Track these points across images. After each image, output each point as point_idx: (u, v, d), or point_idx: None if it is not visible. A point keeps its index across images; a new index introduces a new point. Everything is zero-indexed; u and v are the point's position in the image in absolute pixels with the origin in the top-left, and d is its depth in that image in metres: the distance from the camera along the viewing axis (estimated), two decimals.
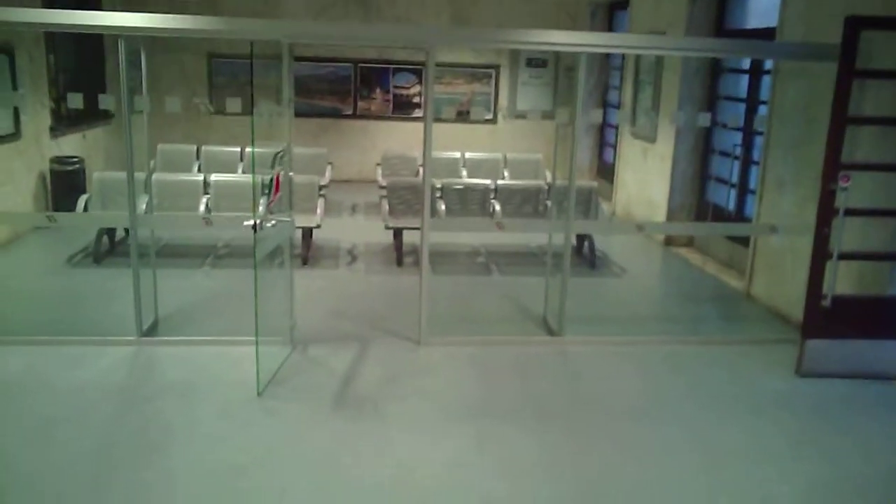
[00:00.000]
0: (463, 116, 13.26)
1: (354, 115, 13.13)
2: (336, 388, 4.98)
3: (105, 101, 6.03)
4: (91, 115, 10.66)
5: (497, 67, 13.26)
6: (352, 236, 9.19)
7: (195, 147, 10.51)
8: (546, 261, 6.86)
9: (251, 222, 4.71)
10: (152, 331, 5.79)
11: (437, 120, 6.34)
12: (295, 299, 5.76)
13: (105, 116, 11.35)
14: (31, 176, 8.96)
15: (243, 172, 10.19)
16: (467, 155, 10.92)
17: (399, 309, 6.62)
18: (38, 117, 9.03)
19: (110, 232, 7.94)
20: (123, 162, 5.69)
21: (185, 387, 4.91)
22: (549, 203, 8.33)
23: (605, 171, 12.59)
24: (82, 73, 11.06)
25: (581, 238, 8.54)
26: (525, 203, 8.47)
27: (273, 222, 4.95)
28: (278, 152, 5.17)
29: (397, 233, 8.08)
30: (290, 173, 5.59)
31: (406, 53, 12.95)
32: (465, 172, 10.69)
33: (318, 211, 8.03)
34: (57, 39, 10.31)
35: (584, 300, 6.86)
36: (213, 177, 8.07)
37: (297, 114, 11.87)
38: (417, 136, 6.30)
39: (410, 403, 4.82)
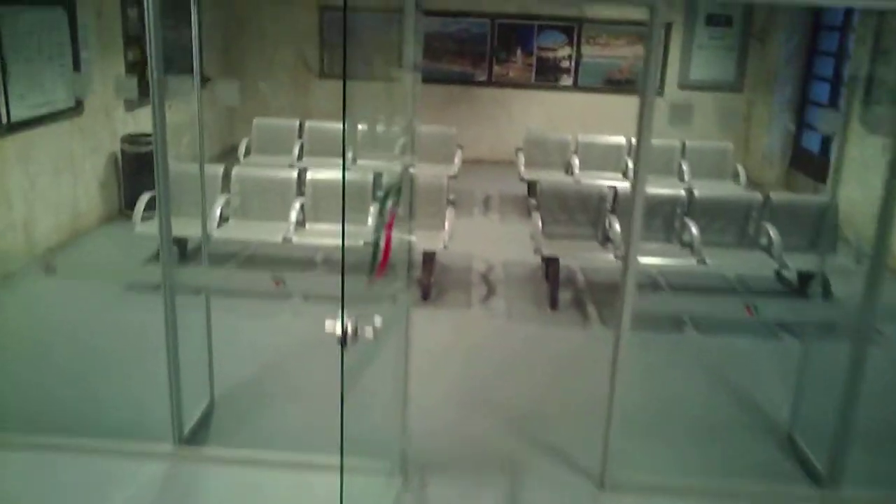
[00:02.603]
0: (620, 86, 10.76)
1: (489, 82, 10.88)
2: None
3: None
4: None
5: (668, 25, 10.61)
6: (486, 248, 7.05)
7: (297, 123, 8.62)
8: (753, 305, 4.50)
9: (336, 325, 2.61)
10: (200, 431, 3.91)
11: (588, 89, 4.22)
12: (411, 371, 3.65)
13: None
14: (97, 159, 7.30)
15: (353, 159, 8.22)
16: (634, 141, 8.49)
17: (560, 396, 4.47)
18: (108, 86, 7.32)
19: (181, 239, 6.16)
20: (216, 141, 3.76)
21: None
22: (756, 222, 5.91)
23: (806, 163, 9.83)
24: (173, 29, 9.31)
25: (806, 274, 6.10)
26: (730, 223, 6.07)
27: (378, 321, 2.81)
28: (389, 191, 3.07)
29: (552, 262, 5.87)
30: (412, 169, 3.47)
31: (554, 7, 10.53)
32: (630, 166, 8.29)
33: (446, 226, 5.93)
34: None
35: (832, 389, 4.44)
36: (310, 174, 6.08)
37: (425, 80, 10.24)
38: (565, 110, 4.15)
39: None
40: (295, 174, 6.08)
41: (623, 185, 6.10)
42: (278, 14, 10.60)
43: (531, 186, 8.48)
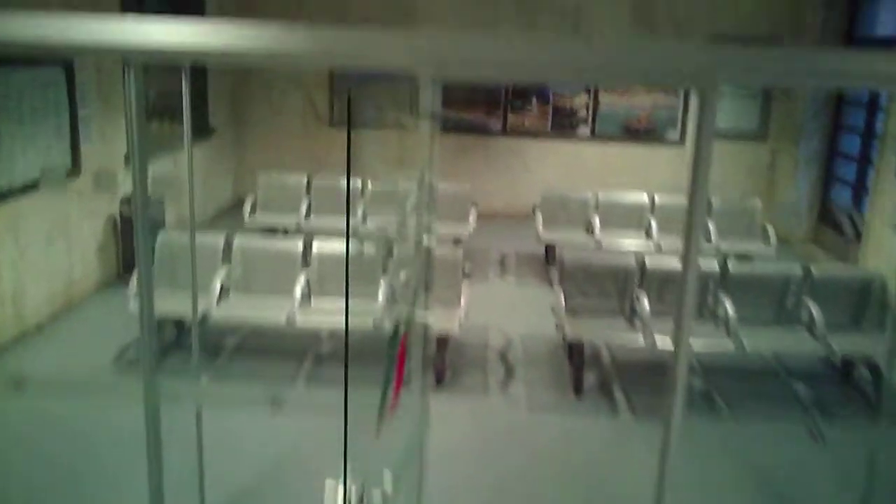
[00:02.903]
0: (639, 136, 10.39)
1: (504, 132, 10.53)
2: None
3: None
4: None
5: None
6: (504, 319, 6.63)
7: (305, 179, 8.27)
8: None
9: (338, 491, 2.16)
10: None
11: (606, 139, 3.91)
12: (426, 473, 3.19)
13: (204, 132, 9.34)
14: (95, 222, 6.94)
15: (363, 217, 7.86)
16: (658, 198, 8.10)
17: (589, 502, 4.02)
18: (107, 144, 6.99)
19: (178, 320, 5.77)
20: (221, 194, 3.36)
21: None
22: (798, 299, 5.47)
23: (835, 218, 9.41)
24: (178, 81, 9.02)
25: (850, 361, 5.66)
26: (767, 299, 5.63)
27: (389, 480, 2.37)
28: (398, 326, 2.67)
29: (578, 346, 5.42)
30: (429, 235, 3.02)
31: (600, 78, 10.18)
32: (654, 226, 7.88)
33: (462, 303, 5.52)
34: None
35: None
36: (316, 245, 5.69)
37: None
38: (582, 160, 3.78)
39: None
40: (300, 245, 5.68)
41: (652, 257, 5.68)
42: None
43: (549, 249, 8.07)
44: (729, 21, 9.99)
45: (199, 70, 9.28)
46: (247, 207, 8.01)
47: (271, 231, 8.18)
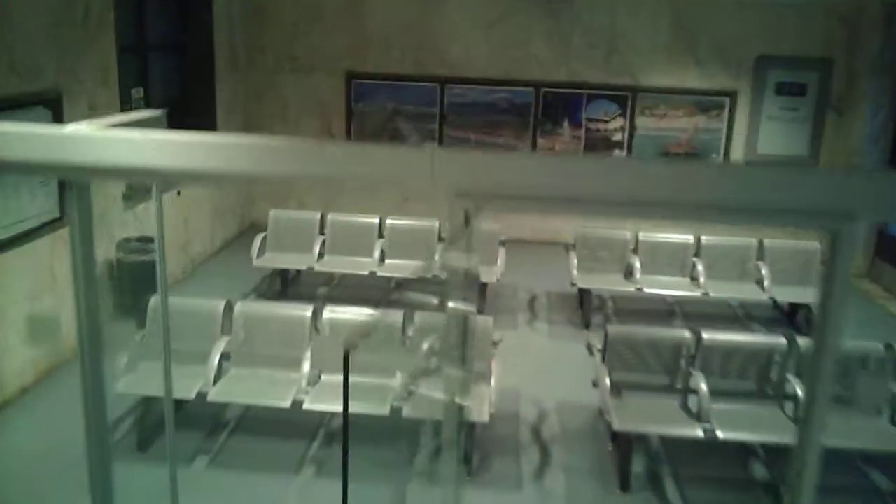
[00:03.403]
0: (679, 160, 9.64)
1: None
2: None
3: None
4: None
5: (733, 94, 9.50)
6: (536, 381, 5.95)
7: (318, 216, 7.63)
8: None
9: None
10: None
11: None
12: None
13: None
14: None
15: (380, 258, 7.25)
16: (703, 238, 7.37)
17: None
18: (98, 185, 6.39)
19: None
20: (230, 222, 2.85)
21: None
22: None
23: (893, 254, 8.65)
24: (186, 106, 8.47)
25: None
26: (852, 381, 4.89)
27: None
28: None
29: (625, 436, 4.72)
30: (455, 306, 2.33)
31: (606, 74, 9.49)
32: (700, 269, 7.16)
33: (491, 382, 4.84)
34: (150, 64, 7.76)
35: None
36: (327, 314, 5.03)
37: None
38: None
39: None
40: (309, 314, 5.04)
41: (708, 332, 4.96)
42: (302, 82, 9.69)
43: (584, 295, 7.38)
44: (776, 42, 9.23)
45: (206, 73, 8.71)
46: (255, 247, 7.38)
47: (283, 273, 7.58)
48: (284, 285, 7.61)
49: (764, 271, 7.11)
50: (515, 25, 9.41)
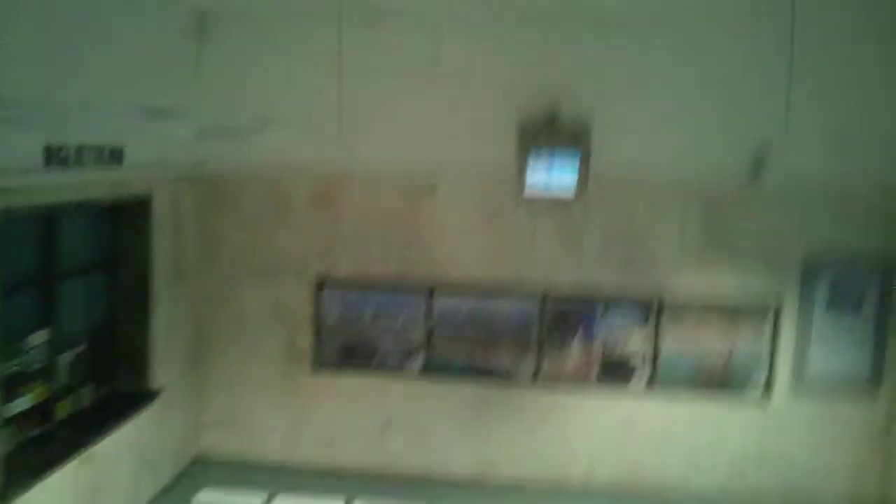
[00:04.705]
0: (714, 387, 7.97)
1: (536, 381, 8.14)
2: None
3: None
4: (104, 413, 6.53)
5: (777, 305, 7.91)
6: None
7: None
8: None
9: None
10: None
11: (669, 390, 5.13)
12: None
13: (141, 399, 7.10)
14: None
15: None
16: None
17: None
18: None
19: None
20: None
21: None
22: None
23: None
24: (113, 335, 6.92)
25: None
26: None
27: None
28: None
29: None
30: None
31: (624, 282, 7.94)
32: None
33: None
34: (61, 296, 6.27)
35: None
36: None
37: (447, 376, 7.91)
38: (642, 423, 1.40)
39: None
40: None
41: None
42: (263, 288, 8.15)
43: None
44: (828, 241, 7.71)
45: (140, 292, 7.16)
46: None
47: None
48: None
49: None
50: (517, 223, 7.94)
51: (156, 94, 6.35)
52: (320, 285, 8.14)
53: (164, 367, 7.48)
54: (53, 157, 5.24)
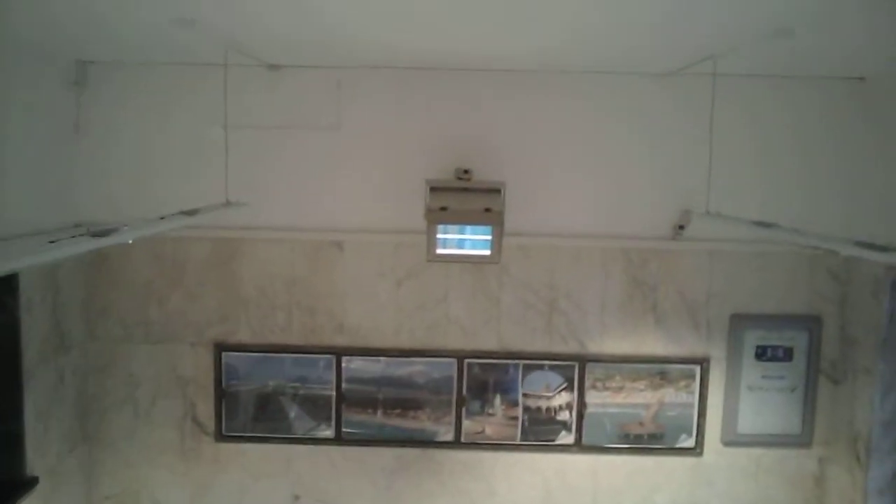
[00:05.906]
0: (642, 443, 7.65)
1: (458, 443, 7.70)
2: None
3: None
4: None
5: (704, 362, 7.59)
6: None
7: None
8: None
9: None
10: None
11: (598, 449, 5.12)
12: None
13: (14, 489, 6.44)
14: None
15: None
16: None
17: None
18: None
19: None
20: None
21: None
22: None
23: None
24: None
25: None
26: None
27: None
28: None
29: None
30: None
31: (546, 340, 7.53)
32: None
33: None
34: None
35: None
36: None
37: (361, 441, 7.55)
38: (567, 479, 0.86)
39: None
40: None
41: None
42: (158, 355, 7.49)
43: None
44: (755, 298, 7.45)
45: (8, 372, 6.47)
46: None
47: None
48: None
49: None
50: (429, 282, 7.41)
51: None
52: (220, 351, 7.51)
53: (45, 449, 6.81)
54: None
